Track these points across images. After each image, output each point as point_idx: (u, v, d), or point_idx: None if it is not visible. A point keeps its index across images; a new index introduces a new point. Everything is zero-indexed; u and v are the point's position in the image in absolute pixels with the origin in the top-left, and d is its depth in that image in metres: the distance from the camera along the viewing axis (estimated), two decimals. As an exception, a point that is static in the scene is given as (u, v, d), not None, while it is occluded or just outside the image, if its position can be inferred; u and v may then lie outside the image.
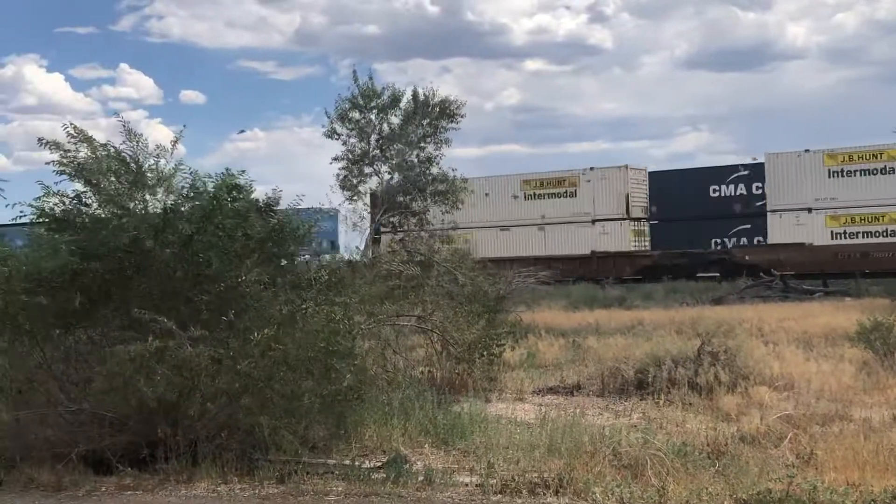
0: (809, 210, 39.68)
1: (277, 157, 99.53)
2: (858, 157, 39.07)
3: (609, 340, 17.83)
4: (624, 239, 43.66)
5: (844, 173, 39.21)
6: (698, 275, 38.77)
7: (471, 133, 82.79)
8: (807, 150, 40.35)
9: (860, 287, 32.01)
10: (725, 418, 10.55)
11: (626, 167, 44.45)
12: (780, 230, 40.24)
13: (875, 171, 38.69)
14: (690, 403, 11.50)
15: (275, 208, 10.06)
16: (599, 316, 24.28)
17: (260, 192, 10.11)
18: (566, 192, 45.17)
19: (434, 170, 35.24)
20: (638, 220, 44.33)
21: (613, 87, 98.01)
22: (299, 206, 10.70)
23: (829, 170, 39.47)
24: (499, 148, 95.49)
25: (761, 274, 36.30)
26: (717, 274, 38.58)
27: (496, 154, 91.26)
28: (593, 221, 44.17)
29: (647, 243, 44.63)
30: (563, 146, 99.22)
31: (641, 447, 8.49)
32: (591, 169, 44.97)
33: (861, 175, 38.92)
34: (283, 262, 9.99)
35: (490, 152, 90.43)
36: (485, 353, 13.31)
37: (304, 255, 11.41)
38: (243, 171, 9.68)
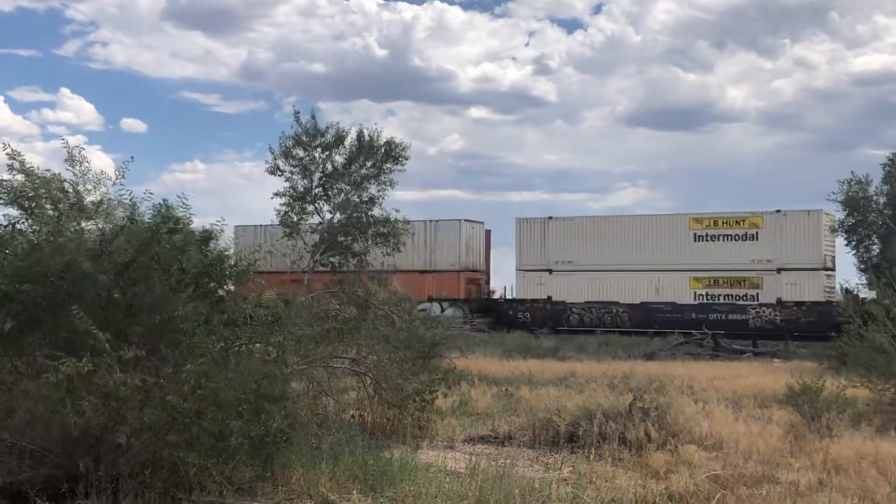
0: None
1: (217, 190, 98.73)
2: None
3: (542, 391, 17.86)
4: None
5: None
6: None
7: (413, 177, 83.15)
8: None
9: (789, 349, 32.55)
10: (654, 475, 10.57)
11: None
12: None
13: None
14: (620, 459, 11.53)
15: (212, 242, 9.94)
16: (533, 366, 24.32)
17: (198, 225, 10.00)
18: None
19: (376, 211, 35.24)
20: None
21: (555, 138, 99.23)
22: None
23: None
24: (440, 193, 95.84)
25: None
26: None
27: (438, 199, 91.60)
28: None
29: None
30: (505, 194, 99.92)
31: (570, 502, 8.46)
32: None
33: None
34: (220, 297, 9.85)
35: (432, 196, 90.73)
36: (417, 398, 13.24)
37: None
38: (187, 204, 9.56)
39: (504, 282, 47.15)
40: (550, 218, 43.92)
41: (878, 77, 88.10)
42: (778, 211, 39.73)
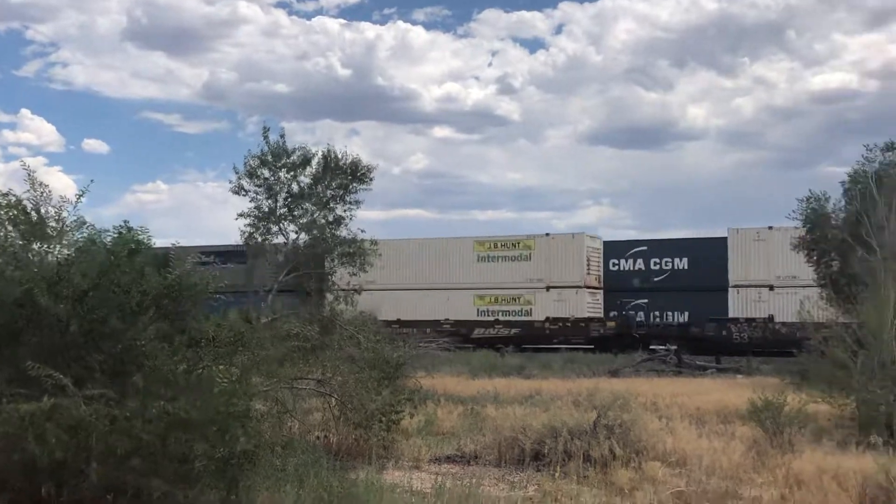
0: None
1: (180, 210, 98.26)
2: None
3: (507, 409, 17.87)
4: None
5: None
6: None
7: (377, 196, 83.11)
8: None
9: (751, 365, 32.84)
10: (619, 493, 10.65)
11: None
12: None
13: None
14: (585, 476, 11.59)
15: (173, 263, 9.90)
16: (498, 384, 24.36)
17: (160, 246, 9.96)
18: None
19: (343, 231, 35.15)
20: None
21: (519, 157, 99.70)
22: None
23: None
24: (405, 212, 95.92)
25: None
26: None
27: (402, 218, 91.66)
28: None
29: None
30: (470, 213, 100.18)
31: (535, 521, 8.49)
32: None
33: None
34: (181, 318, 9.79)
35: (396, 216, 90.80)
36: (383, 419, 13.22)
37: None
38: (147, 231, 9.53)
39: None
40: None
41: (835, 95, 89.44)
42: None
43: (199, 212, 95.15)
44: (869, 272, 19.64)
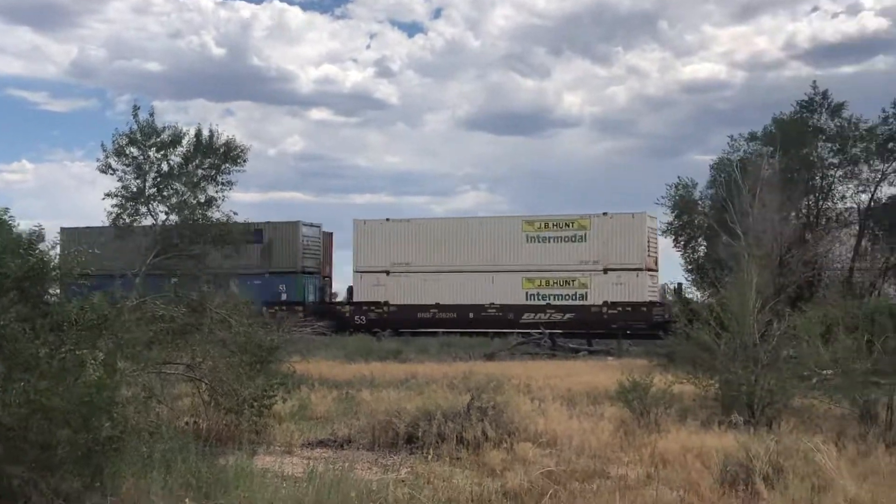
0: None
1: (46, 191, 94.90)
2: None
3: (382, 393, 17.88)
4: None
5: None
6: None
7: (252, 178, 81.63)
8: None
9: (622, 347, 33.64)
10: (491, 474, 10.74)
11: None
12: None
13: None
14: (458, 458, 11.65)
15: (36, 245, 9.53)
16: (374, 368, 24.34)
17: (25, 227, 9.59)
18: None
19: (215, 213, 34.45)
20: None
21: (397, 141, 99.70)
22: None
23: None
24: (281, 195, 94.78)
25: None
26: None
27: (278, 200, 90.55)
28: None
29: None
30: (348, 197, 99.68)
31: (408, 503, 8.49)
32: None
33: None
34: (43, 301, 9.44)
35: (272, 198, 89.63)
36: (255, 404, 13.03)
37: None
38: (6, 211, 9.16)
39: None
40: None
41: (705, 85, 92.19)
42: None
43: (66, 192, 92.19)
44: (733, 257, 20.34)
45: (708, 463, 10.89)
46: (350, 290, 44.98)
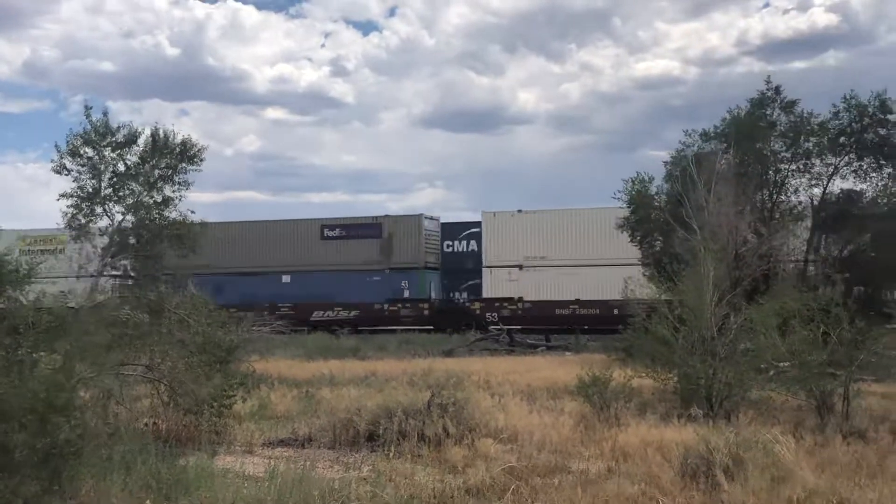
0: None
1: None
2: None
3: (342, 391, 17.85)
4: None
5: None
6: None
7: (208, 178, 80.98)
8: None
9: (579, 342, 33.83)
10: (452, 470, 10.77)
11: None
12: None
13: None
14: (420, 455, 11.67)
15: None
16: (334, 366, 24.27)
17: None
18: None
19: (172, 213, 34.13)
20: None
21: (354, 140, 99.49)
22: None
23: None
24: (238, 194, 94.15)
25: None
26: None
27: (235, 200, 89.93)
28: None
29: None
30: (304, 196, 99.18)
31: (370, 500, 8.50)
32: None
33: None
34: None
35: (229, 198, 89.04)
36: (214, 404, 12.95)
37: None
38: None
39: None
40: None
41: (658, 81, 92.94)
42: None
43: (19, 194, 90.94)
44: (689, 251, 20.50)
45: (668, 456, 10.98)
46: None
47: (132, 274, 33.77)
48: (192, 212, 35.04)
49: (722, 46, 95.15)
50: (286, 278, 45.09)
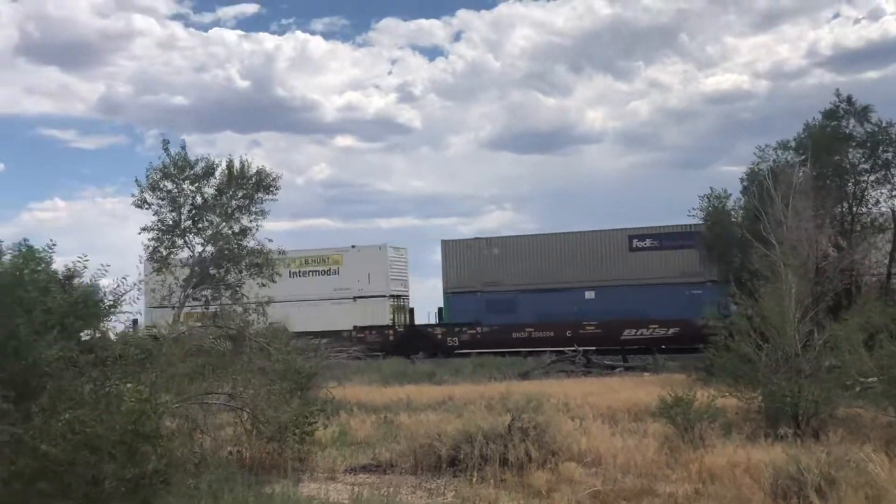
0: None
1: (79, 228, 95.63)
2: None
3: (421, 416, 17.84)
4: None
5: None
6: None
7: (281, 207, 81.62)
8: None
9: (658, 363, 33.35)
10: (537, 495, 10.68)
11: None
12: None
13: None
14: (503, 480, 11.60)
15: (75, 280, 9.63)
16: (410, 391, 24.29)
17: (60, 264, 9.69)
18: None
19: (250, 242, 34.61)
20: None
21: (422, 164, 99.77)
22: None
23: None
24: (310, 222, 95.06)
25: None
26: None
27: (308, 228, 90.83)
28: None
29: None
30: (374, 222, 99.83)
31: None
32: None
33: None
34: (87, 337, 9.53)
35: (302, 226, 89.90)
36: (297, 431, 13.04)
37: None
38: (54, 245, 9.27)
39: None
40: None
41: (728, 96, 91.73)
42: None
43: (99, 228, 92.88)
44: (769, 267, 20.15)
45: (757, 477, 10.75)
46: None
47: (215, 303, 34.23)
48: (270, 240, 35.51)
49: (792, 59, 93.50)
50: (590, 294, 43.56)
